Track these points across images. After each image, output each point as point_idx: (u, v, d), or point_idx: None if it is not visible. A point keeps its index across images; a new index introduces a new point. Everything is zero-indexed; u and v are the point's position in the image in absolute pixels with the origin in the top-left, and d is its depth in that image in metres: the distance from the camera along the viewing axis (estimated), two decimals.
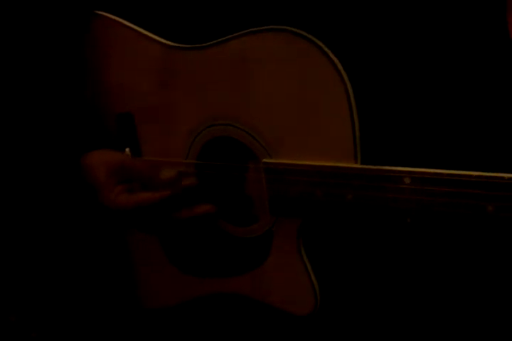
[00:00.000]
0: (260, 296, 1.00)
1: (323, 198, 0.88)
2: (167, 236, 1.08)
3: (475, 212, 0.79)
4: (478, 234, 0.87)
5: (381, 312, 0.98)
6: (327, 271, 0.96)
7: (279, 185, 0.92)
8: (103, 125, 1.07)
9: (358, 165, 0.86)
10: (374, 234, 0.94)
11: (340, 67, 0.84)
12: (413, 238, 0.92)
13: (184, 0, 1.00)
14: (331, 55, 0.84)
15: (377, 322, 0.99)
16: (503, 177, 0.77)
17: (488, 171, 0.78)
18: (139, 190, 0.99)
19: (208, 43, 0.95)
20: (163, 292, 1.11)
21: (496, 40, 0.86)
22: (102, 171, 0.97)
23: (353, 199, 0.86)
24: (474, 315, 0.94)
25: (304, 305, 0.96)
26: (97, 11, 1.03)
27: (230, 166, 0.98)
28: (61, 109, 1.02)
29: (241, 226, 1.00)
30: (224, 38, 0.93)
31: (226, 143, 0.97)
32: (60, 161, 1.01)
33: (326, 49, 0.84)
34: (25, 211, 1.14)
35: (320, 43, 0.84)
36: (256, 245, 0.98)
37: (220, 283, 1.04)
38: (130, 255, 1.13)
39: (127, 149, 1.05)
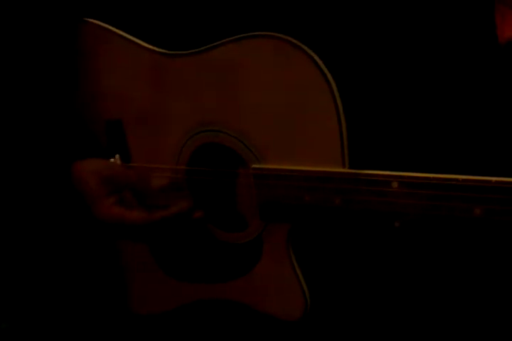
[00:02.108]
0: (250, 301, 1.00)
1: (311, 203, 0.89)
2: (157, 242, 1.08)
3: (463, 216, 0.79)
4: (467, 237, 0.87)
5: (371, 316, 0.98)
6: (317, 275, 0.96)
7: (269, 190, 0.92)
8: (92, 132, 1.07)
9: (346, 170, 0.86)
10: (364, 237, 0.94)
11: (327, 72, 0.84)
12: (403, 241, 0.92)
13: (173, 7, 1.01)
14: (318, 61, 0.84)
15: (367, 325, 0.99)
16: (489, 181, 0.77)
17: (476, 174, 0.79)
18: (131, 201, 0.99)
19: (196, 50, 0.95)
20: (154, 298, 1.11)
21: (485, 44, 0.87)
22: (94, 180, 0.97)
23: (341, 204, 0.86)
24: (467, 317, 0.94)
25: (293, 309, 0.96)
26: (87, 19, 1.04)
27: (220, 172, 0.98)
28: (50, 116, 1.02)
29: (231, 232, 1.00)
30: (212, 45, 0.93)
31: (216, 149, 0.97)
32: (49, 168, 1.01)
33: (313, 55, 0.85)
34: (14, 218, 1.14)
35: (307, 49, 0.85)
36: (246, 251, 0.98)
37: (210, 288, 1.04)
38: (120, 260, 1.13)
39: (117, 156, 1.05)
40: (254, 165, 0.93)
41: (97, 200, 0.96)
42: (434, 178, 0.81)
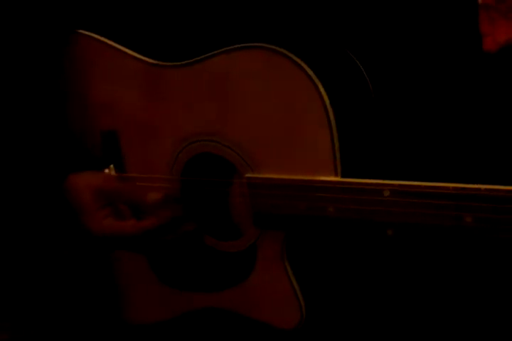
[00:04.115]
0: (245, 310, 1.00)
1: (305, 211, 0.89)
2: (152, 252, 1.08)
3: (453, 224, 0.80)
4: (459, 245, 0.87)
5: (367, 324, 0.99)
6: (311, 283, 0.96)
7: (262, 199, 0.93)
8: (87, 143, 1.08)
9: (339, 179, 0.87)
10: (358, 245, 0.95)
11: (318, 83, 0.85)
12: (396, 249, 0.93)
13: (165, 18, 1.01)
14: (310, 72, 0.85)
15: (362, 331, 0.99)
16: (479, 189, 0.78)
17: (466, 182, 0.80)
18: (124, 212, 0.99)
19: (189, 61, 0.96)
20: (149, 308, 1.11)
21: (470, 51, 0.88)
22: (87, 195, 0.97)
23: (334, 212, 0.87)
24: (462, 325, 0.95)
25: (289, 318, 0.96)
26: (79, 30, 1.04)
27: (214, 181, 0.99)
28: (43, 128, 1.03)
29: (226, 241, 1.01)
30: (204, 56, 0.94)
31: (209, 159, 0.98)
32: (43, 182, 1.01)
33: (304, 66, 0.85)
34: (7, 230, 1.14)
35: (299, 61, 0.86)
36: (241, 259, 0.99)
37: (206, 297, 1.04)
38: (115, 269, 1.13)
39: (111, 166, 1.06)
40: (247, 175, 0.94)
41: (88, 214, 0.97)
42: (424, 186, 0.81)
